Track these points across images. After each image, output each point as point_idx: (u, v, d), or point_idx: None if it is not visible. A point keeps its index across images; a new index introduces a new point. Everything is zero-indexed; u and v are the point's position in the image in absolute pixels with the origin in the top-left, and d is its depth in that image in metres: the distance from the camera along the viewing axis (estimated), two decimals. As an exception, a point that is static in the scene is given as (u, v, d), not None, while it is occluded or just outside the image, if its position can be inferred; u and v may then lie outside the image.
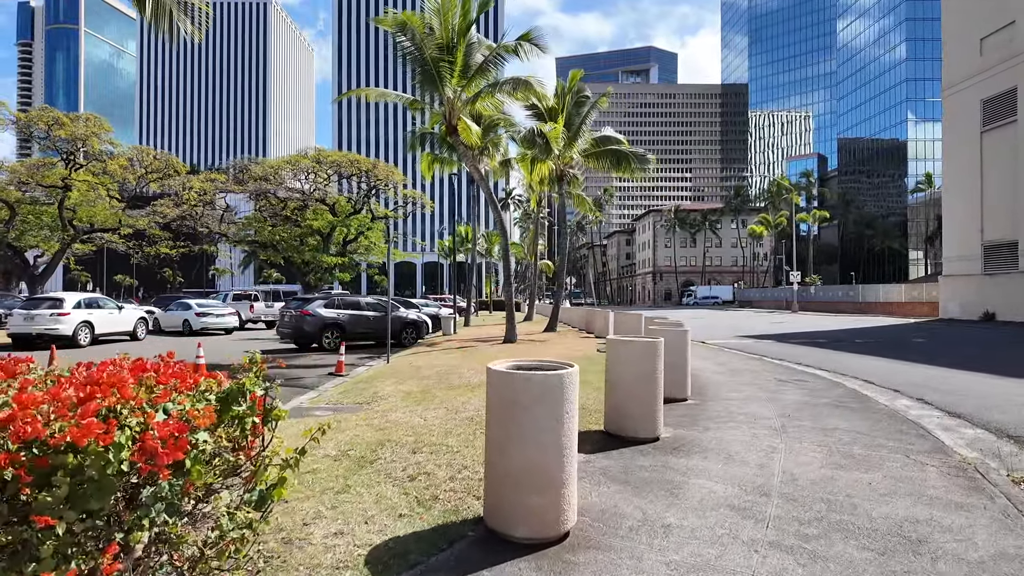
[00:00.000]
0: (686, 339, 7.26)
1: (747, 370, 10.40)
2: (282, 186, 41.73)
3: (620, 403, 5.13)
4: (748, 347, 15.80)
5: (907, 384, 9.21)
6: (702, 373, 9.89)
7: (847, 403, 7.24)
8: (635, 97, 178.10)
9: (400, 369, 10.88)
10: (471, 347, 14.77)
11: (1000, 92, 27.70)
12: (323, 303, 16.35)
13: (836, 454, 4.84)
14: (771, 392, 7.98)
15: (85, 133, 37.19)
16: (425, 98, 15.97)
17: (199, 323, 21.55)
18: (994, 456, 5.13)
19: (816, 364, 11.93)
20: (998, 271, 27.73)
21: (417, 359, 12.51)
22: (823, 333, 21.80)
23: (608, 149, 19.18)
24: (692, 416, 6.29)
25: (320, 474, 4.15)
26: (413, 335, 18.03)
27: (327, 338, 15.96)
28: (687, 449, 4.90)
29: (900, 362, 12.26)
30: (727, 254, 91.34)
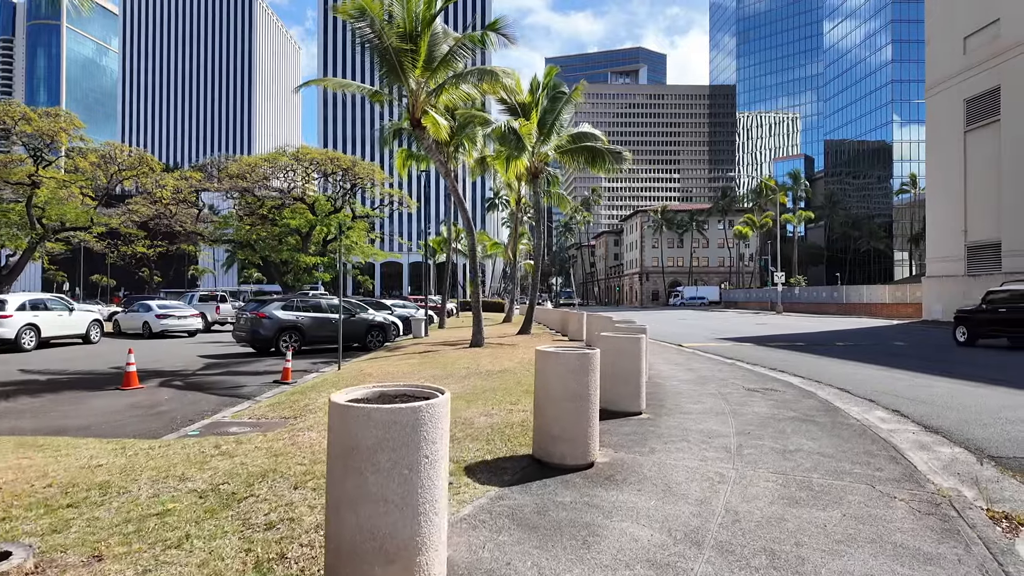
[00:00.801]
0: (640, 346, 6.61)
1: (716, 378, 9.77)
2: (259, 184, 40.73)
3: (547, 425, 4.46)
4: (724, 351, 15.23)
5: (884, 393, 8.63)
6: (667, 381, 9.25)
7: (815, 417, 6.62)
8: (624, 98, 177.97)
9: (348, 377, 10.16)
10: (434, 351, 14.06)
11: (983, 91, 27.41)
12: (280, 305, 15.56)
13: (792, 484, 4.20)
14: (735, 404, 7.35)
15: (53, 129, 36.07)
16: (391, 90, 15.24)
17: (159, 325, 20.65)
18: (972, 483, 4.51)
19: (791, 370, 11.35)
20: (981, 272, 27.43)
21: (372, 365, 11.78)
22: (804, 336, 21.32)
23: (583, 146, 18.55)
24: (640, 435, 5.63)
25: (169, 517, 3.44)
26: (379, 338, 17.28)
27: (284, 342, 15.17)
28: (621, 479, 4.24)
29: (879, 367, 11.71)
30: (714, 255, 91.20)
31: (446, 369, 10.51)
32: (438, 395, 2.59)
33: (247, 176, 42.74)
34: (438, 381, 9.11)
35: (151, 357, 15.20)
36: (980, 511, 3.82)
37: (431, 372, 10.19)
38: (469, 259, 14.05)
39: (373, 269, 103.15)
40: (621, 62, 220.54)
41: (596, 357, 4.54)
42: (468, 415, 6.42)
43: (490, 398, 7.56)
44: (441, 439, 2.44)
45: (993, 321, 15.92)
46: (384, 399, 2.65)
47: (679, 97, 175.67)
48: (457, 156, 24.01)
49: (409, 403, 2.40)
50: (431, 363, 11.60)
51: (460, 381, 9.09)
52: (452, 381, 9.12)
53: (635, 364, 6.49)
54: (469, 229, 14.42)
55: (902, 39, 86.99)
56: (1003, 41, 26.23)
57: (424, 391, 2.71)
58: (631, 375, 6.46)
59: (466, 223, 14.54)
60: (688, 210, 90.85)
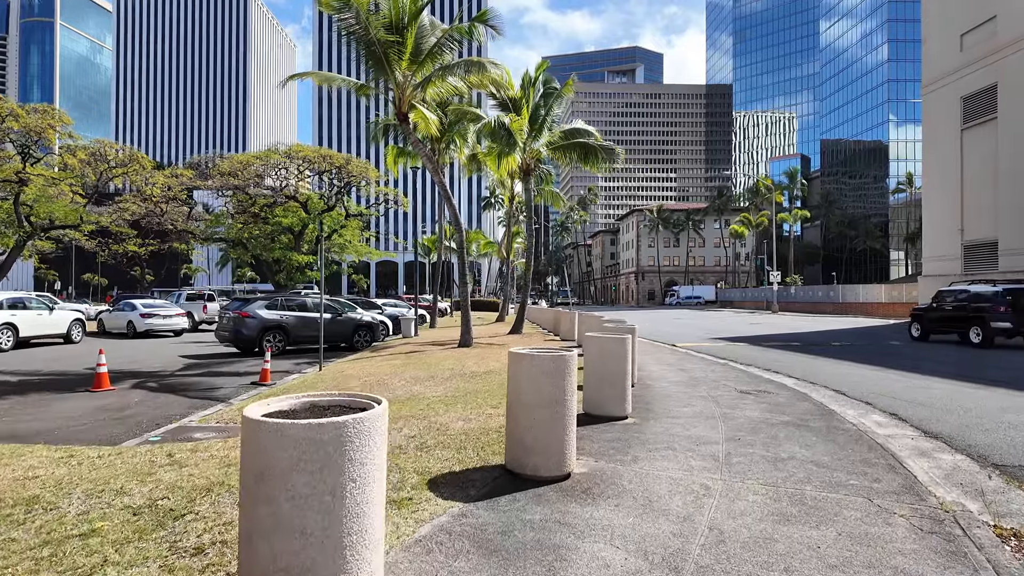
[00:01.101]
0: (626, 347, 6.28)
1: (708, 379, 9.46)
2: (251, 182, 40.28)
3: (520, 434, 4.12)
4: (718, 351, 14.92)
5: (881, 395, 8.32)
6: (657, 383, 8.93)
7: (810, 422, 6.30)
8: (621, 97, 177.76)
9: (328, 379, 9.81)
10: (421, 352, 13.72)
11: (980, 89, 27.20)
12: (264, 304, 15.19)
13: (783, 498, 3.87)
14: (726, 407, 7.03)
15: (41, 125, 35.61)
16: (377, 84, 14.88)
17: (144, 324, 20.24)
18: (977, 495, 4.20)
19: (785, 370, 11.04)
20: (978, 272, 27.20)
21: (354, 366, 11.44)
22: (799, 335, 21.04)
23: (576, 142, 18.22)
24: (623, 441, 5.30)
25: (93, 539, 3.09)
26: (367, 338, 16.92)
27: (268, 342, 14.80)
28: (599, 492, 3.91)
29: (875, 368, 11.42)
30: (710, 254, 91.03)
31: (429, 370, 10.17)
32: (373, 406, 2.25)
33: (238, 174, 42.33)
34: (419, 383, 8.78)
35: (130, 357, 14.82)
36: (987, 528, 3.50)
37: (413, 373, 9.85)
38: (458, 257, 13.72)
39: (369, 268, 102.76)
40: (618, 61, 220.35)
41: (573, 360, 4.21)
42: (444, 420, 6.09)
43: (470, 401, 7.22)
44: (373, 459, 2.11)
45: (942, 318, 17.23)
46: (314, 411, 2.31)
47: (676, 96, 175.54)
48: (448, 153, 23.68)
49: (335, 417, 2.06)
50: (415, 364, 11.25)
51: (442, 383, 8.76)
52: (435, 383, 8.79)
53: (620, 366, 6.16)
54: (457, 226, 14.07)
55: (898, 38, 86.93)
56: (1000, 38, 26.01)
57: (361, 402, 2.37)
58: (616, 377, 6.13)
59: (454, 220, 14.19)
60: (684, 209, 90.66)
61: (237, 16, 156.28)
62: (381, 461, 2.17)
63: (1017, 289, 15.60)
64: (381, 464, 2.17)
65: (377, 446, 2.13)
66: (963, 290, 17.03)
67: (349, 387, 8.65)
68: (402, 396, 7.69)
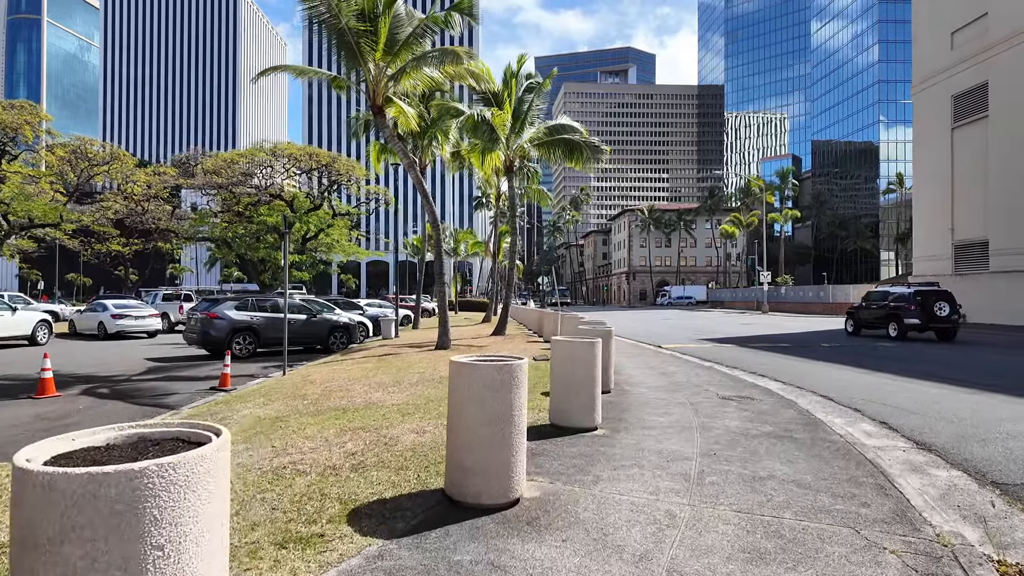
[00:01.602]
0: (595, 351, 5.77)
1: (690, 384, 8.97)
2: (235, 180, 39.57)
3: (459, 455, 3.61)
4: (704, 353, 14.46)
5: (871, 401, 7.87)
6: (635, 388, 8.43)
7: (794, 432, 5.82)
8: (613, 97, 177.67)
9: (289, 385, 9.25)
10: (395, 355, 13.16)
11: (971, 87, 26.95)
12: (234, 304, 14.58)
13: (758, 529, 3.37)
14: (705, 416, 6.54)
15: (17, 122, 34.76)
16: (351, 76, 14.32)
17: (115, 326, 19.55)
18: (977, 521, 3.72)
19: (772, 374, 10.59)
20: (969, 272, 26.97)
21: (321, 370, 10.88)
22: (788, 336, 20.64)
23: (560, 139, 17.71)
24: (587, 458, 4.79)
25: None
26: (343, 340, 16.34)
27: (238, 344, 14.21)
28: (547, 523, 3.39)
29: (865, 371, 10.99)
30: (701, 254, 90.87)
31: (398, 374, 9.64)
32: (211, 439, 1.73)
33: (222, 172, 41.60)
34: (383, 389, 8.24)
35: (93, 360, 14.19)
36: (990, 566, 3.02)
37: (380, 378, 9.31)
38: (435, 256, 13.17)
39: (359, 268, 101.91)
40: (610, 62, 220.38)
41: (521, 370, 3.70)
42: (396, 432, 5.56)
43: (432, 410, 6.70)
44: (195, 515, 1.58)
45: (870, 316, 19.73)
46: (139, 447, 1.78)
47: (668, 97, 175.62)
48: (431, 149, 23.15)
49: (132, 463, 1.53)
50: (385, 367, 10.71)
51: (407, 389, 8.22)
52: (399, 389, 8.25)
53: (589, 373, 5.65)
54: (434, 224, 13.51)
55: (889, 39, 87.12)
56: (991, 36, 25.76)
57: (201, 434, 1.84)
58: (584, 385, 5.62)
59: (431, 218, 13.64)
60: (675, 209, 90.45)
61: (227, 14, 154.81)
62: (215, 513, 1.65)
63: (925, 292, 18.06)
64: (215, 517, 1.65)
65: (203, 497, 1.60)
66: (885, 292, 19.72)
67: (307, 393, 8.10)
68: (359, 404, 7.15)
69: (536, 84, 18.15)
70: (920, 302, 17.81)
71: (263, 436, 5.60)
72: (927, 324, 17.70)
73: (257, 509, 3.48)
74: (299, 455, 4.77)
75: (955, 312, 17.85)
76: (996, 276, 25.05)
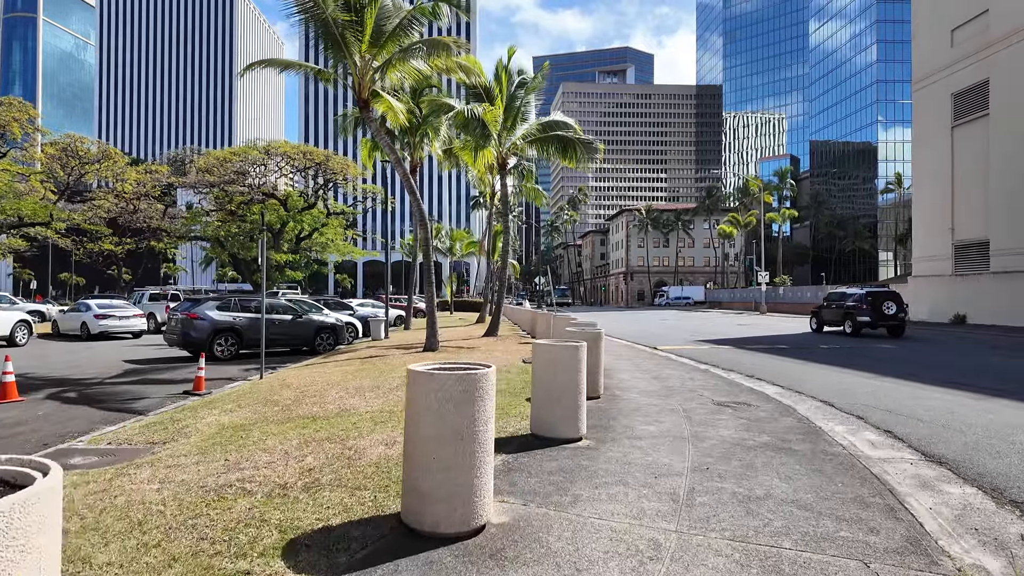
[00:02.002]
0: (579, 356, 5.35)
1: (684, 388, 8.56)
2: (227, 178, 39.11)
3: (416, 477, 3.19)
4: (701, 355, 14.06)
5: (873, 407, 7.46)
6: (626, 393, 8.02)
7: (792, 443, 5.41)
8: (611, 97, 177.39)
9: (264, 389, 8.83)
10: (381, 356, 12.74)
11: (971, 85, 26.60)
12: (216, 304, 14.14)
13: (754, 562, 2.96)
14: (699, 424, 6.12)
15: (4, 119, 34.30)
16: (337, 69, 13.90)
17: (98, 326, 19.08)
18: (998, 549, 3.31)
19: (770, 377, 10.19)
20: (969, 272, 26.62)
21: (300, 374, 10.46)
22: (786, 338, 20.26)
23: (554, 135, 17.29)
24: (567, 474, 4.38)
25: None
26: (330, 341, 15.92)
27: (219, 345, 13.77)
28: (513, 556, 2.97)
29: (866, 374, 10.59)
30: (699, 254, 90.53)
31: (380, 378, 9.21)
32: (33, 480, 1.31)
33: (215, 170, 41.17)
34: (360, 394, 7.82)
35: (68, 362, 13.74)
36: (1022, 608, 2.61)
37: (360, 382, 8.88)
38: (423, 254, 12.70)
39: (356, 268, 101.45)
40: (609, 61, 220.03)
41: (487, 379, 3.28)
42: (363, 444, 5.14)
43: (407, 418, 6.28)
44: None
45: (829, 316, 22.07)
46: None
47: (666, 97, 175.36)
48: (423, 146, 22.76)
49: None
50: (368, 371, 10.28)
51: (385, 394, 7.80)
52: (376, 394, 7.83)
53: (572, 379, 5.24)
54: (422, 221, 13.07)
55: (887, 39, 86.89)
56: (992, 33, 25.40)
57: (26, 473, 1.42)
58: (567, 393, 5.21)
59: (418, 215, 13.19)
60: (673, 209, 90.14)
61: (223, 12, 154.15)
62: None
63: (876, 293, 20.38)
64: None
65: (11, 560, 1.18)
66: (843, 293, 22.05)
67: (280, 399, 7.67)
68: (331, 411, 6.73)
69: (528, 80, 17.73)
70: (871, 302, 20.02)
71: (220, 447, 5.17)
72: (876, 322, 19.91)
73: (183, 539, 3.05)
74: (252, 471, 4.35)
75: (901, 311, 20.17)
76: (997, 277, 24.70)
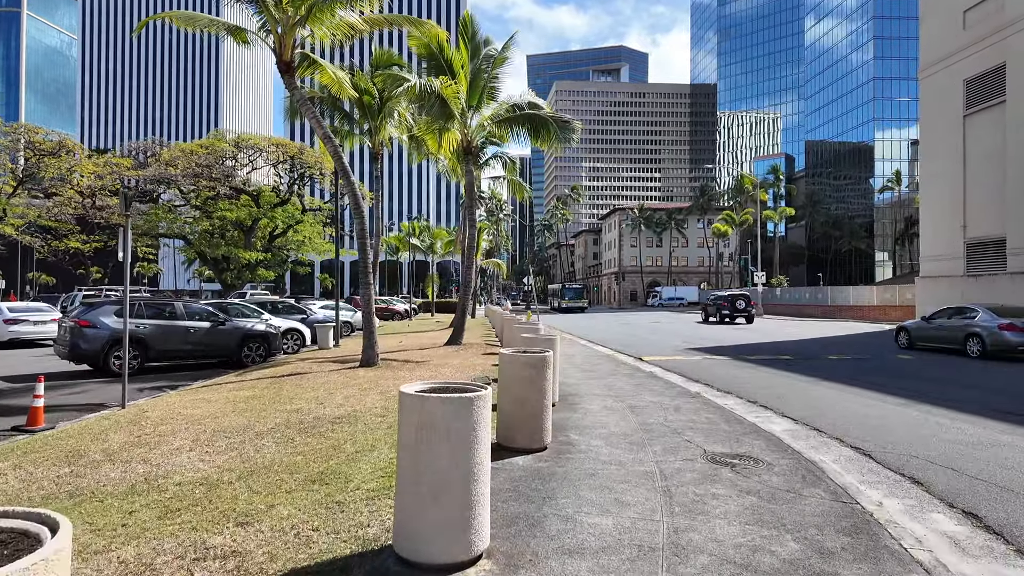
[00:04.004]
0: (476, 416, 3.11)
1: (667, 429, 6.35)
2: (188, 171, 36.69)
3: None
4: (692, 369, 11.86)
5: (931, 461, 5.25)
6: (587, 438, 5.79)
7: (837, 551, 3.20)
8: (605, 96, 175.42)
9: (93, 431, 6.57)
10: (301, 374, 10.45)
11: (986, 70, 24.55)
12: (115, 308, 11.84)
13: None
14: (683, 510, 3.91)
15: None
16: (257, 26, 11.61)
17: (7, 332, 16.72)
18: None
19: (777, 404, 8.02)
20: (983, 272, 24.57)
21: (174, 401, 8.19)
22: (789, 345, 18.11)
23: (524, 115, 15.09)
24: None
25: None
26: (260, 351, 13.62)
27: (119, 358, 11.47)
28: None
29: (900, 401, 8.37)
30: (693, 254, 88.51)
31: (264, 412, 6.97)
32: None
33: (178, 163, 38.74)
34: (208, 444, 5.56)
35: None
36: None
37: (234, 420, 6.62)
38: (358, 247, 10.38)
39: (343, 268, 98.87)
40: (603, 60, 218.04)
41: None
42: (126, 554, 2.90)
43: (242, 493, 4.05)
44: None
45: (711, 311, 33.34)
46: None
47: (660, 96, 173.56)
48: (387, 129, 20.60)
49: None
50: (264, 397, 8.03)
51: (248, 442, 5.56)
52: (233, 443, 5.58)
53: (460, 467, 3.00)
54: (356, 208, 10.76)
55: (884, 36, 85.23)
56: (1008, 13, 23.36)
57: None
58: (448, 485, 2.97)
59: (352, 201, 10.91)
60: (667, 209, 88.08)
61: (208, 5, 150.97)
62: None
63: (733, 295, 32.50)
64: None
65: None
66: (717, 295, 33.90)
67: (86, 453, 5.39)
68: (131, 480, 4.47)
69: (495, 52, 15.47)
70: (730, 300, 32.06)
71: None
72: (733, 314, 31.63)
73: None
74: None
75: (748, 307, 31.71)
76: (1015, 277, 22.65)
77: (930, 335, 16.01)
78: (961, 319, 15.21)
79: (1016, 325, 13.68)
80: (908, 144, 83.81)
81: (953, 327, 15.23)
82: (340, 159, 10.82)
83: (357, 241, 10.88)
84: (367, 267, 10.85)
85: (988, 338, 13.91)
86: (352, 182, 10.86)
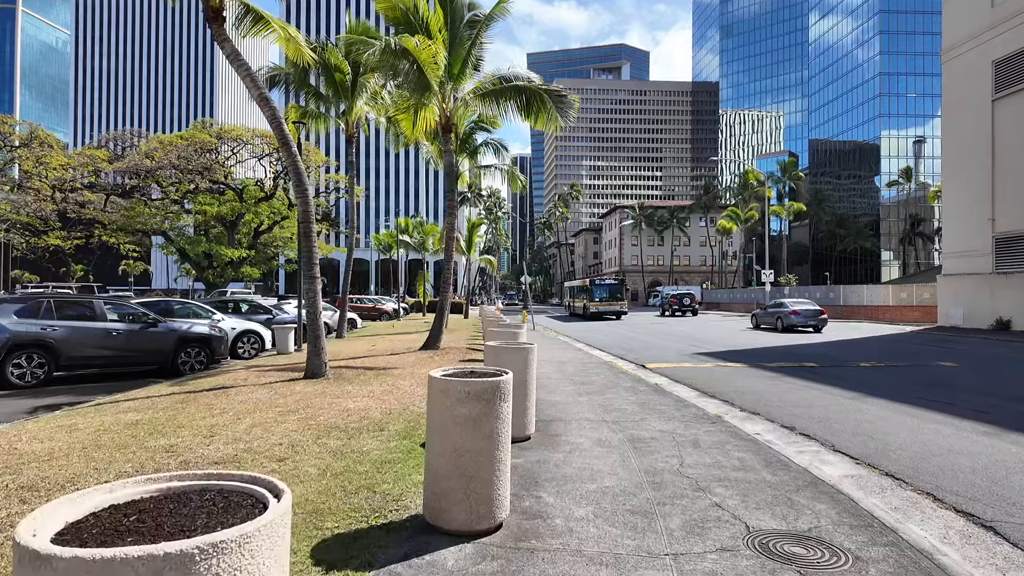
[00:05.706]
0: None
1: (686, 480, 4.43)
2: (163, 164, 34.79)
3: None
4: (705, 381, 9.93)
5: None
6: (561, 500, 3.86)
7: None
8: (606, 94, 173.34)
9: None
10: (228, 388, 8.53)
11: (1017, 50, 22.63)
12: (16, 308, 9.92)
13: None
14: None
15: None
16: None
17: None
18: None
19: (825, 434, 6.08)
20: (1014, 269, 22.65)
21: (46, 426, 6.27)
22: (810, 349, 16.16)
23: (513, 86, 13.18)
24: None
25: None
26: (201, 357, 11.70)
27: (18, 366, 9.57)
28: None
29: (983, 428, 6.40)
30: (695, 253, 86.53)
31: (125, 450, 5.06)
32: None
33: (155, 155, 36.84)
34: (23, 496, 3.64)
35: None
36: None
37: (69, 467, 4.70)
38: (300, 234, 8.50)
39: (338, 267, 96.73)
40: (604, 59, 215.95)
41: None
42: None
43: None
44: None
45: (664, 307, 42.03)
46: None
47: (662, 94, 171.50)
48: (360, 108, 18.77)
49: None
50: (148, 424, 6.11)
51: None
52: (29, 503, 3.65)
53: None
54: (299, 186, 8.85)
55: (890, 30, 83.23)
56: (1044, -13, 21.45)
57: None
58: None
59: (294, 178, 8.98)
60: (668, 206, 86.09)
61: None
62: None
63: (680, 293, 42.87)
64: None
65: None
66: (668, 293, 44.58)
67: None
68: None
69: (481, 15, 13.53)
70: (679, 297, 40.73)
71: None
72: (680, 309, 40.27)
73: None
74: None
75: (692, 303, 40.99)
76: (1052, 275, 20.75)
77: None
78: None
79: None
80: (914, 142, 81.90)
81: None
82: (280, 127, 8.91)
83: (299, 226, 8.98)
84: (311, 258, 8.93)
85: None
86: (293, 154, 8.95)
